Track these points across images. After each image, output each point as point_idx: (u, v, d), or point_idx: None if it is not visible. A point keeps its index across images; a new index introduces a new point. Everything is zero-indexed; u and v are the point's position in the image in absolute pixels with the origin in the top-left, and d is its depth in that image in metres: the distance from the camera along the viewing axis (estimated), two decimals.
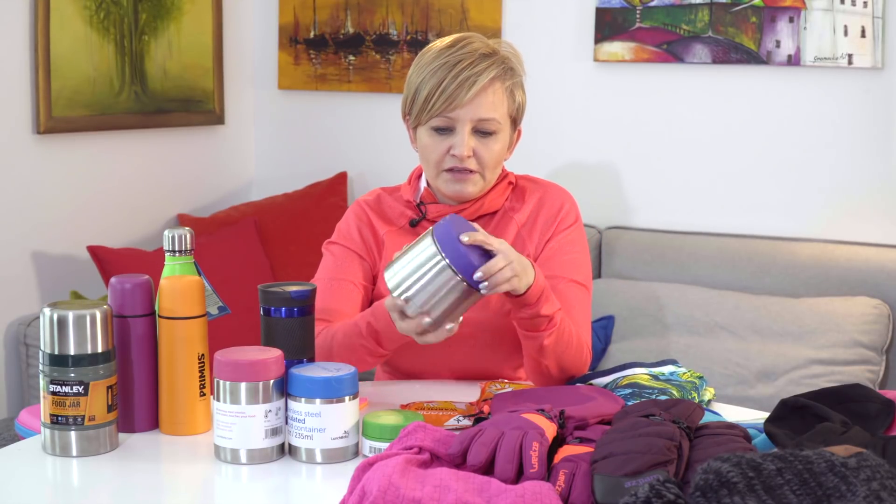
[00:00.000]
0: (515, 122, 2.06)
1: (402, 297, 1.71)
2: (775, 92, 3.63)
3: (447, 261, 1.69)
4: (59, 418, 1.60)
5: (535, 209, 2.10)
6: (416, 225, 2.07)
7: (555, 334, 1.87)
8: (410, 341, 1.90)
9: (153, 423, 1.74)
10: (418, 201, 2.08)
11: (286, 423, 1.61)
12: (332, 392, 1.58)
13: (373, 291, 2.09)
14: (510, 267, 1.72)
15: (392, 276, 1.73)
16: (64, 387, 1.60)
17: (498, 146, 2.00)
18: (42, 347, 1.62)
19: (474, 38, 2.01)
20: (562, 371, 1.93)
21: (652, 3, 3.71)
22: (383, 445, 1.55)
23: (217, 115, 4.13)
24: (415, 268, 1.71)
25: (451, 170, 1.99)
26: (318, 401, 1.58)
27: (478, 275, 1.69)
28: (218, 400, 1.59)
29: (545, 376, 1.94)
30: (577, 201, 2.18)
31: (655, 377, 1.88)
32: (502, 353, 2.05)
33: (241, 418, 1.57)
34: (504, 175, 2.12)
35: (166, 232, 1.77)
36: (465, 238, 1.71)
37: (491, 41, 2.03)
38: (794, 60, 3.56)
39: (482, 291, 1.71)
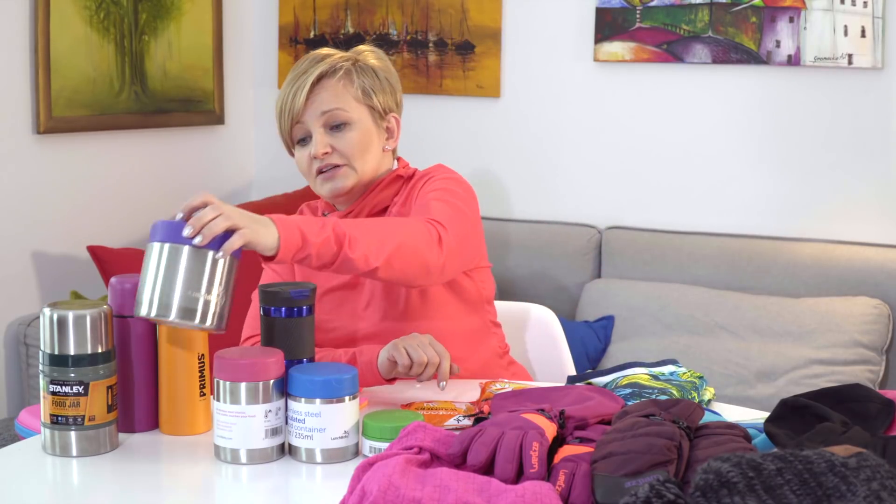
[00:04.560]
0: (377, 108, 2.03)
1: (157, 311, 1.56)
2: (775, 92, 3.63)
3: (162, 242, 1.57)
4: (59, 418, 1.60)
5: (405, 197, 2.06)
6: None
7: (376, 258, 1.72)
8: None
9: (153, 423, 1.74)
10: (322, 212, 2.11)
11: (286, 423, 1.61)
12: (332, 392, 1.58)
13: None
14: (224, 216, 1.58)
15: (141, 305, 1.58)
16: (64, 387, 1.60)
17: (355, 134, 2.00)
18: (42, 347, 1.62)
19: (315, 52, 2.06)
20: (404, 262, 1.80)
21: (652, 3, 3.71)
22: (383, 445, 1.55)
23: (217, 115, 4.13)
24: (145, 275, 1.58)
25: (320, 172, 2.01)
26: (318, 401, 1.58)
27: (187, 231, 1.56)
28: (218, 400, 1.59)
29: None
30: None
31: (655, 377, 1.88)
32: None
33: (241, 418, 1.57)
34: (393, 169, 2.08)
35: None
36: (179, 215, 1.60)
37: (341, 50, 2.07)
38: (794, 60, 3.56)
39: (217, 255, 1.58)
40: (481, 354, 2.07)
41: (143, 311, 1.56)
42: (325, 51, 2.07)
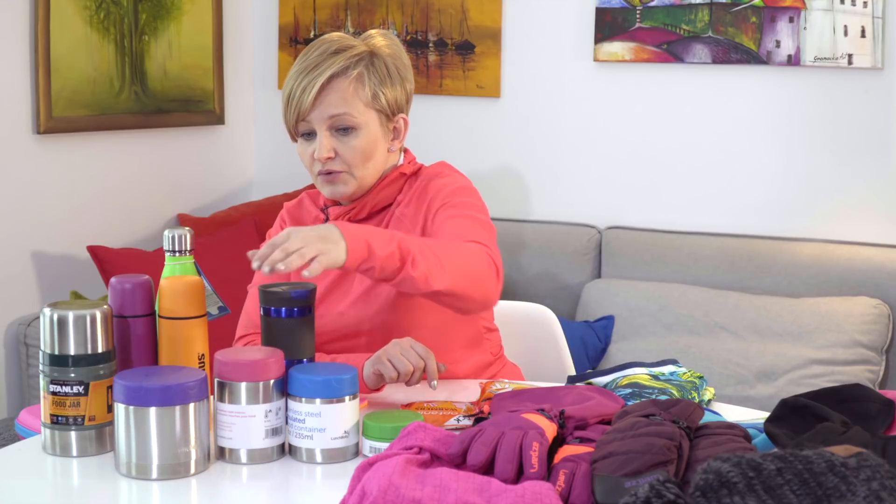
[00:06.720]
0: (385, 111, 2.00)
1: (136, 472, 1.54)
2: (775, 92, 3.63)
3: (126, 405, 1.52)
4: (59, 418, 1.60)
5: (412, 196, 2.04)
6: None
7: (438, 281, 1.74)
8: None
9: None
10: (322, 205, 2.09)
11: (286, 423, 1.61)
12: (332, 392, 1.58)
13: None
14: (298, 254, 1.61)
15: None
16: (64, 387, 1.60)
17: (360, 141, 1.97)
18: (42, 347, 1.62)
19: (328, 38, 2.00)
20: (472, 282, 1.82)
21: (652, 3, 3.71)
22: (383, 445, 1.55)
23: (217, 115, 4.13)
24: (118, 433, 1.56)
25: (321, 173, 1.99)
26: (318, 401, 1.58)
27: (266, 268, 1.62)
28: (218, 400, 1.59)
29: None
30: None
31: (655, 377, 1.88)
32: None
33: (241, 418, 1.57)
34: (398, 167, 2.06)
35: (166, 232, 1.77)
36: (263, 268, 1.64)
37: (354, 38, 2.01)
38: (794, 60, 3.56)
39: (304, 272, 1.61)
40: (473, 361, 2.06)
41: (123, 471, 1.54)
42: (339, 41, 1.99)
